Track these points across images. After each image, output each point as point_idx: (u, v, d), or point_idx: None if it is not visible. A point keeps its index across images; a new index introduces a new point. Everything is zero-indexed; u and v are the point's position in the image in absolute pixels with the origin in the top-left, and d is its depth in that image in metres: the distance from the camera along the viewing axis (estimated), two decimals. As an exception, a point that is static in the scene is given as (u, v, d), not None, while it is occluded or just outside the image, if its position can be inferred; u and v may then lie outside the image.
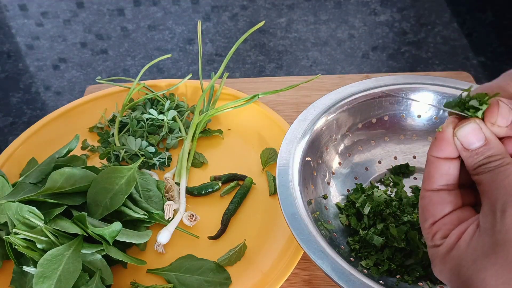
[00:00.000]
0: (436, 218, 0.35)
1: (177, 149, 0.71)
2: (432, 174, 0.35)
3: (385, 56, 1.00)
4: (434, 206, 0.35)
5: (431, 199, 0.35)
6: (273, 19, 1.10)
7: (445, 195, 0.35)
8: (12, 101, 0.93)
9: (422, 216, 0.36)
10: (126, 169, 0.58)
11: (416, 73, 0.79)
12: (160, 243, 0.57)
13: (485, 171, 0.33)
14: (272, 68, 0.98)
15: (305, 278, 0.57)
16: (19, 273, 0.53)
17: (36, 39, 1.09)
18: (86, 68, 1.00)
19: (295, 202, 0.49)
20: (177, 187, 0.63)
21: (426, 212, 0.36)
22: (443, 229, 0.34)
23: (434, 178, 0.35)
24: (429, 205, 0.35)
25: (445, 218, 0.35)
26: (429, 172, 0.35)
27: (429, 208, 0.35)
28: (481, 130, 0.33)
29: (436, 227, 0.35)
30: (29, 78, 0.99)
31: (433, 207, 0.35)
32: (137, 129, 0.71)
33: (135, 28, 1.10)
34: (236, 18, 1.11)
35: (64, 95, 0.95)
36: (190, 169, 0.67)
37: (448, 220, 0.35)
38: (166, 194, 0.62)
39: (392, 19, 1.09)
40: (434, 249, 0.35)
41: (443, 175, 0.35)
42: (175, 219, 0.59)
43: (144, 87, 0.76)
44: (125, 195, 0.56)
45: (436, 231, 0.35)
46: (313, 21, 1.09)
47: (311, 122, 0.57)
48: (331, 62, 0.98)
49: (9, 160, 0.67)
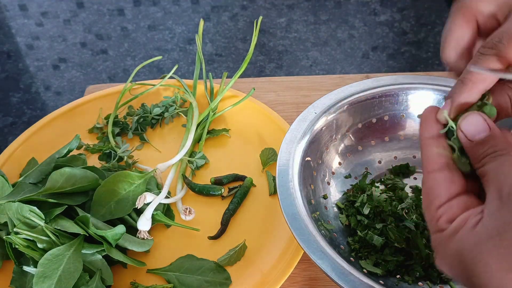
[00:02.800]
0: (442, 200, 0.34)
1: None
2: (430, 155, 0.35)
3: (385, 56, 1.00)
4: (439, 186, 0.34)
5: (435, 178, 0.34)
6: (273, 19, 1.10)
7: (448, 174, 0.34)
8: (12, 101, 0.94)
9: (427, 199, 0.34)
10: (137, 177, 0.59)
11: (416, 73, 0.79)
12: (140, 230, 0.57)
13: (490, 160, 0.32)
14: (272, 68, 0.98)
15: (305, 278, 0.57)
16: (19, 273, 0.53)
17: (36, 39, 1.09)
18: (86, 68, 1.00)
19: (295, 202, 0.49)
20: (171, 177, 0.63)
21: (431, 193, 0.34)
22: (449, 212, 0.33)
23: (433, 157, 0.34)
24: (434, 185, 0.34)
25: (452, 201, 0.33)
26: (426, 154, 0.35)
27: (435, 189, 0.34)
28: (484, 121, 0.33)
29: (442, 210, 0.33)
30: (29, 78, 0.99)
31: (438, 187, 0.34)
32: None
33: (135, 28, 1.10)
34: (236, 18, 1.11)
35: (64, 95, 0.95)
36: (186, 167, 0.67)
37: (455, 203, 0.33)
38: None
39: (392, 19, 1.09)
40: (438, 234, 0.33)
41: (440, 154, 0.34)
42: (151, 205, 0.58)
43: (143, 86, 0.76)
44: (132, 206, 0.57)
45: (442, 215, 0.33)
46: (313, 21, 1.09)
47: (311, 122, 0.57)
48: (331, 62, 0.98)
49: (9, 160, 0.67)
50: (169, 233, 0.60)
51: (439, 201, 0.34)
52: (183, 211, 0.61)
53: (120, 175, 0.58)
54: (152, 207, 0.58)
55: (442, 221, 0.33)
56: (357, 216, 0.56)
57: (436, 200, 0.34)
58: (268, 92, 0.80)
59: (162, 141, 0.72)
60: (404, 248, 0.52)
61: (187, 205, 0.62)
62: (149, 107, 0.74)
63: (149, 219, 0.57)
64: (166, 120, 0.74)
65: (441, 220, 0.33)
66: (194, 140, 0.69)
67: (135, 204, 0.57)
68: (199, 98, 0.75)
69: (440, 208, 0.33)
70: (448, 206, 0.33)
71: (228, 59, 0.99)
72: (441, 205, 0.33)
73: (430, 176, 0.35)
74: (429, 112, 0.36)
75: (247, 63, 0.72)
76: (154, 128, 0.74)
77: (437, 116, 0.36)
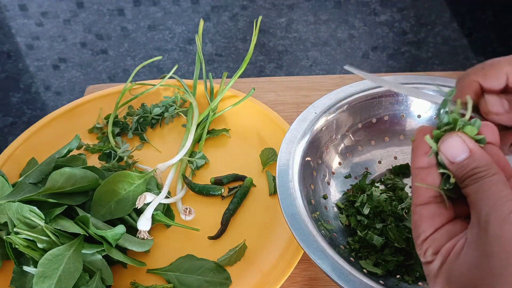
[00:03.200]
0: (426, 234, 0.34)
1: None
2: (418, 187, 0.35)
3: (385, 56, 1.00)
4: (423, 221, 0.34)
5: (421, 214, 0.35)
6: (273, 19, 1.10)
7: (434, 208, 0.34)
8: (12, 101, 0.94)
9: (415, 232, 0.35)
10: (137, 177, 0.59)
11: (416, 73, 0.79)
12: (140, 230, 0.57)
13: (471, 183, 0.32)
14: (272, 68, 0.98)
15: (305, 278, 0.57)
16: (19, 273, 0.53)
17: (36, 39, 1.09)
18: (86, 68, 1.00)
19: (295, 202, 0.49)
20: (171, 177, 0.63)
21: (417, 228, 0.35)
22: (434, 245, 0.34)
23: (421, 191, 0.35)
24: (419, 220, 0.35)
25: (435, 233, 0.34)
26: (414, 186, 0.35)
27: (420, 224, 0.35)
28: (464, 142, 0.33)
29: (427, 244, 0.34)
30: (29, 78, 0.99)
31: (423, 222, 0.34)
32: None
33: (135, 28, 1.10)
34: (236, 18, 1.11)
35: (64, 95, 0.95)
36: (186, 167, 0.67)
37: (438, 235, 0.34)
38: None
39: (392, 19, 1.09)
40: (427, 266, 0.34)
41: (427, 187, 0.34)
42: (151, 205, 0.58)
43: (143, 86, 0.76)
44: (132, 206, 0.57)
45: (427, 248, 0.34)
46: (313, 21, 1.09)
47: (311, 122, 0.57)
48: (331, 62, 0.98)
49: (9, 160, 0.67)
50: (169, 233, 0.61)
51: (424, 235, 0.34)
52: (183, 211, 0.61)
53: (120, 175, 0.58)
54: (152, 207, 0.58)
55: (428, 254, 0.34)
56: (357, 216, 0.56)
57: (422, 234, 0.34)
58: (268, 92, 0.80)
59: (162, 141, 0.72)
60: (404, 248, 0.52)
61: (187, 205, 0.62)
62: (149, 107, 0.74)
63: (149, 219, 0.57)
64: (166, 120, 0.74)
65: (427, 253, 0.34)
66: (194, 140, 0.69)
67: (135, 204, 0.57)
68: (199, 98, 0.75)
69: (425, 241, 0.34)
70: (432, 239, 0.34)
71: (228, 59, 0.99)
72: (426, 239, 0.34)
73: (416, 210, 0.35)
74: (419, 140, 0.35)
75: (247, 63, 0.72)
76: (154, 128, 0.74)
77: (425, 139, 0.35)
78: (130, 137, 0.72)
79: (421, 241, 0.34)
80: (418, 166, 0.35)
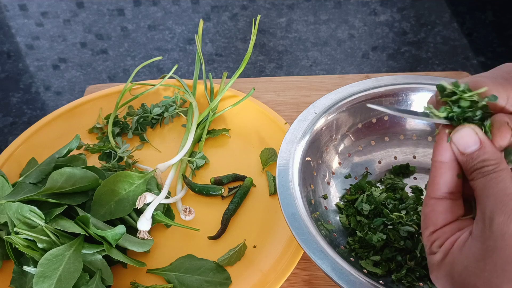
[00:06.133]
0: (436, 226, 0.35)
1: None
2: (437, 181, 0.35)
3: (385, 56, 1.00)
4: (436, 215, 0.35)
5: (434, 207, 0.35)
6: (273, 19, 1.10)
7: (448, 205, 0.35)
8: (12, 101, 0.94)
9: (424, 223, 0.36)
10: (137, 177, 0.59)
11: (416, 73, 0.79)
12: (140, 230, 0.57)
13: (478, 176, 0.33)
14: (272, 68, 0.98)
15: (305, 278, 0.57)
16: (19, 273, 0.53)
17: (36, 39, 1.09)
18: (86, 68, 1.00)
19: (295, 202, 0.49)
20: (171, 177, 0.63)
21: (428, 219, 0.36)
22: (442, 237, 0.35)
23: (439, 185, 0.35)
24: (431, 213, 0.35)
25: (445, 227, 0.35)
26: (434, 178, 0.35)
27: (431, 216, 0.35)
28: (476, 134, 0.34)
29: (436, 236, 0.35)
30: (29, 78, 0.99)
31: (435, 215, 0.35)
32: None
33: (135, 28, 1.10)
34: (236, 18, 1.11)
35: (64, 95, 0.95)
36: (186, 166, 0.67)
37: (448, 229, 0.35)
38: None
39: (392, 19, 1.09)
40: (431, 256, 0.35)
41: (447, 182, 0.35)
42: (151, 205, 0.58)
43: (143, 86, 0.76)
44: (132, 206, 0.57)
45: (435, 240, 0.35)
46: (313, 21, 1.09)
47: (311, 122, 0.57)
48: (331, 62, 0.98)
49: (9, 160, 0.67)
50: (169, 233, 0.61)
51: (434, 227, 0.35)
52: (183, 211, 0.61)
53: (120, 175, 0.58)
54: (152, 207, 0.58)
55: (435, 245, 0.35)
56: (356, 216, 0.56)
57: (431, 226, 0.35)
58: (268, 92, 0.80)
59: (162, 141, 0.72)
60: (404, 248, 0.52)
61: (187, 205, 0.62)
62: (149, 107, 0.74)
63: (149, 219, 0.57)
64: (166, 120, 0.74)
65: (434, 244, 0.35)
66: (194, 140, 0.69)
67: (135, 204, 0.57)
68: (199, 98, 0.76)
69: (435, 233, 0.35)
70: (441, 232, 0.35)
71: (228, 59, 0.99)
72: (435, 231, 0.35)
73: (430, 202, 0.36)
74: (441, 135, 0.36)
75: (246, 62, 0.72)
76: (154, 128, 0.74)
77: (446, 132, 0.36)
78: (130, 137, 0.72)
79: (430, 232, 0.35)
80: (440, 160, 0.35)
